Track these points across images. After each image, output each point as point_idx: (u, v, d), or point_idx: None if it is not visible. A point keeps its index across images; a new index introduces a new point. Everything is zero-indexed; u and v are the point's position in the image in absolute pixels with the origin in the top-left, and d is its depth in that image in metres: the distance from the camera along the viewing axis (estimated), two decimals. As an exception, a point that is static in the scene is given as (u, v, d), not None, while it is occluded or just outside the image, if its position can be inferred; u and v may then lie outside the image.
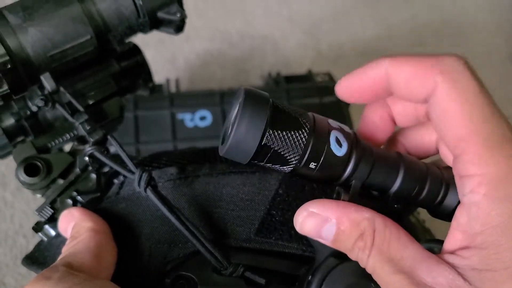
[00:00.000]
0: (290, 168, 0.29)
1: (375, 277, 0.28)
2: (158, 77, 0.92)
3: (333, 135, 0.29)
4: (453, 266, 0.27)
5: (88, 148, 0.36)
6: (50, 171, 0.38)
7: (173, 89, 0.81)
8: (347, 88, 0.32)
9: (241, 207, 0.35)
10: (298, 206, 0.34)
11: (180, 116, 0.74)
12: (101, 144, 0.37)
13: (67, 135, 0.40)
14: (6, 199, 0.78)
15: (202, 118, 0.75)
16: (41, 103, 0.37)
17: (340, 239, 0.29)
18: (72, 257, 0.31)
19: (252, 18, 1.02)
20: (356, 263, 0.30)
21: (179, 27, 0.41)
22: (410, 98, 0.30)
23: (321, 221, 0.29)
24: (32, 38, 0.34)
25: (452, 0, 1.08)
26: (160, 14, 0.39)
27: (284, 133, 0.28)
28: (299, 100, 0.75)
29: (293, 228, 0.33)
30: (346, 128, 0.30)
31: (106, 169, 0.38)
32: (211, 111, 0.75)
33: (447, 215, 0.31)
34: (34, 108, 0.38)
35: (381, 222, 0.28)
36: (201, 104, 0.75)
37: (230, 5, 1.03)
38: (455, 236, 0.28)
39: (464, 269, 0.26)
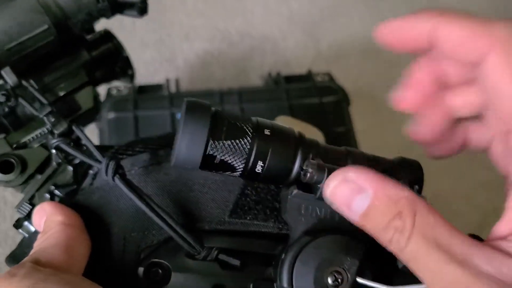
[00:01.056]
0: (238, 174, 0.31)
1: (415, 264, 0.25)
2: (158, 77, 0.92)
3: None
4: (510, 254, 0.24)
5: (53, 140, 0.36)
6: (25, 167, 0.37)
7: (173, 89, 0.81)
8: (390, 34, 0.31)
9: (215, 189, 0.35)
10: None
11: (180, 116, 0.74)
12: (67, 135, 0.36)
13: (45, 129, 0.39)
14: (6, 199, 0.78)
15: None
16: (2, 99, 0.37)
17: (372, 214, 0.26)
18: (41, 252, 0.31)
19: (251, 17, 1.02)
20: (331, 238, 0.30)
21: (141, 9, 0.40)
22: (458, 59, 0.29)
23: (355, 189, 0.26)
24: None
25: (452, 0, 1.08)
26: None
27: (229, 142, 0.29)
28: (299, 100, 0.75)
29: (268, 206, 0.34)
30: (290, 129, 0.32)
31: (77, 161, 0.38)
32: (211, 111, 0.74)
33: None
34: None
35: (425, 205, 0.25)
36: (201, 104, 0.75)
37: (229, 4, 1.03)
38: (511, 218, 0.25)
39: None
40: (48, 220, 0.34)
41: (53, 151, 0.37)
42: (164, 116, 0.74)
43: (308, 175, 0.29)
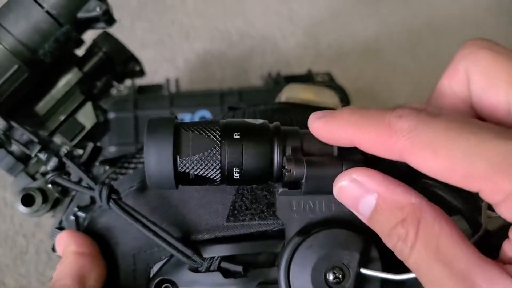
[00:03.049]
0: (218, 183, 0.29)
1: (418, 274, 0.24)
2: (158, 77, 0.92)
3: None
4: None
5: (48, 176, 0.38)
6: (46, 196, 0.39)
7: (173, 89, 0.81)
8: (320, 130, 0.28)
9: (209, 195, 0.34)
10: None
11: (180, 116, 0.74)
12: (60, 169, 0.38)
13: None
14: (6, 199, 0.78)
15: (202, 118, 0.74)
16: None
17: (377, 218, 0.25)
18: (56, 282, 0.33)
19: (252, 17, 1.02)
20: (324, 234, 0.28)
21: (107, 20, 0.40)
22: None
23: (361, 191, 0.26)
24: None
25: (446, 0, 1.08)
26: (80, 15, 0.38)
27: (196, 156, 0.28)
28: (299, 100, 0.75)
29: (265, 203, 0.33)
30: (264, 124, 0.30)
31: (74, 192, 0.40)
32: (211, 111, 0.74)
33: None
34: None
35: (431, 213, 0.24)
36: (201, 104, 0.75)
37: (229, 5, 1.03)
38: None
39: None
40: (65, 250, 0.36)
41: (49, 185, 0.38)
42: (164, 116, 0.74)
43: (287, 174, 0.28)
